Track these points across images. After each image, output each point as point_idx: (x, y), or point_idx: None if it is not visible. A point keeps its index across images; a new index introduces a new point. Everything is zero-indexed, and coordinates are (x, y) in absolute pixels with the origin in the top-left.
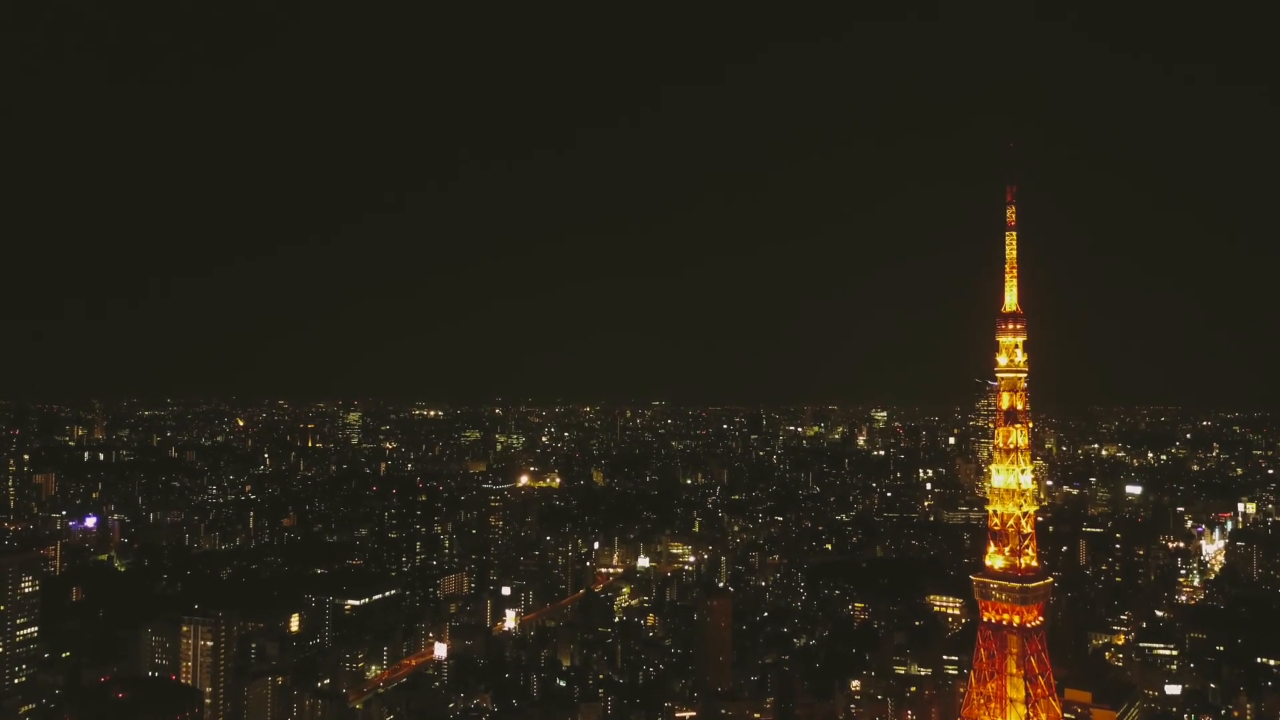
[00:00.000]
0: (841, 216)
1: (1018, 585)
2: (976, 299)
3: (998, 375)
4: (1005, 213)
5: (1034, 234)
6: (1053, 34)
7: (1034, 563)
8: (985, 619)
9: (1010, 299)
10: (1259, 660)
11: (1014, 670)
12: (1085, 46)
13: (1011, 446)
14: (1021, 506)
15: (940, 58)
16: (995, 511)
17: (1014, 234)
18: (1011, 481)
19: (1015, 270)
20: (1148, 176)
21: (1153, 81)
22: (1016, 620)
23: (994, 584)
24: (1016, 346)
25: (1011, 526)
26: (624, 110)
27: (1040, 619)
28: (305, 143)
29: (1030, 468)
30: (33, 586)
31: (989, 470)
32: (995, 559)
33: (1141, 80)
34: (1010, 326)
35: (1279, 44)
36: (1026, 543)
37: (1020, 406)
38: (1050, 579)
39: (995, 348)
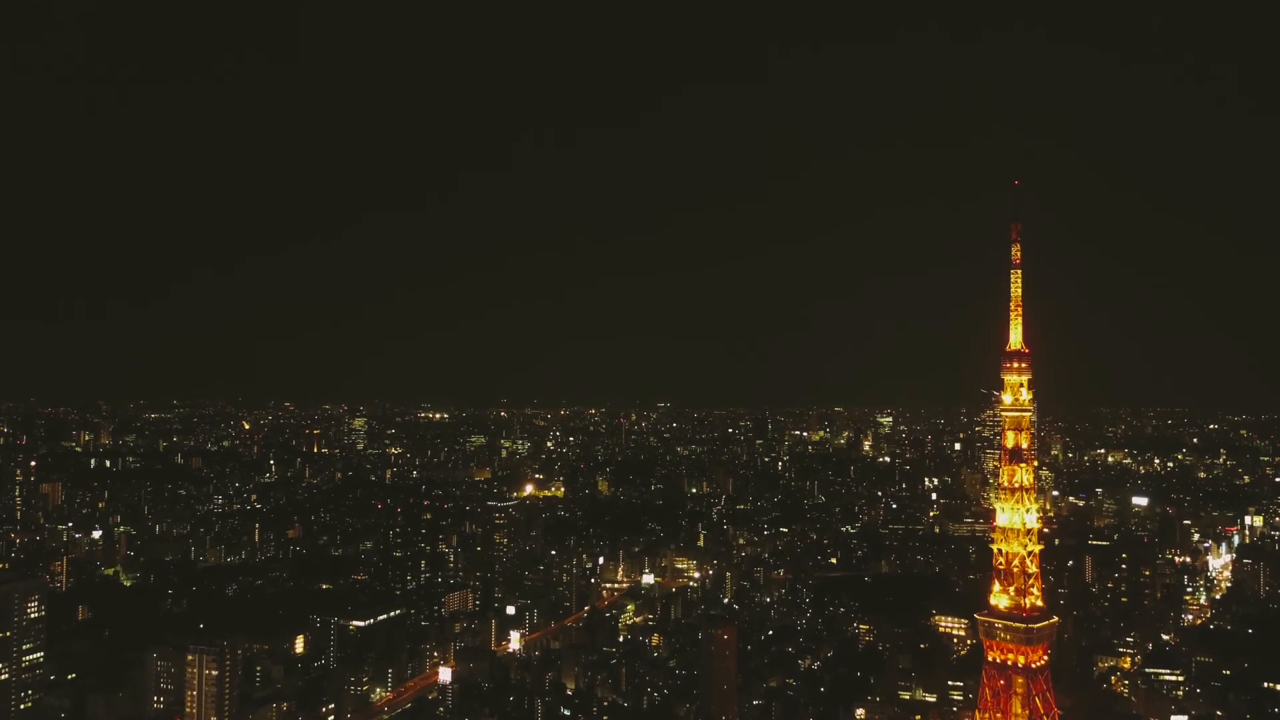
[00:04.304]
0: (849, 220)
1: (1022, 626)
2: (982, 303)
3: (1002, 414)
4: (1010, 250)
5: (1037, 235)
6: (1054, 44)
7: (1039, 602)
8: (990, 658)
9: (1015, 337)
10: (1265, 685)
11: (1019, 710)
12: (1085, 54)
13: (1016, 485)
14: (1026, 546)
15: (947, 69)
16: (1000, 550)
17: (1019, 271)
18: (1016, 521)
19: (1020, 308)
20: (1150, 178)
21: (1154, 85)
22: (1021, 660)
23: (999, 624)
24: (1021, 385)
25: (1016, 566)
26: (628, 111)
27: (1045, 658)
28: (311, 143)
29: (1035, 507)
30: (38, 611)
31: (994, 508)
32: (1000, 598)
33: (1142, 84)
34: (1015, 365)
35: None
36: (1031, 582)
37: (1025, 445)
38: (1055, 619)
39: (1000, 388)
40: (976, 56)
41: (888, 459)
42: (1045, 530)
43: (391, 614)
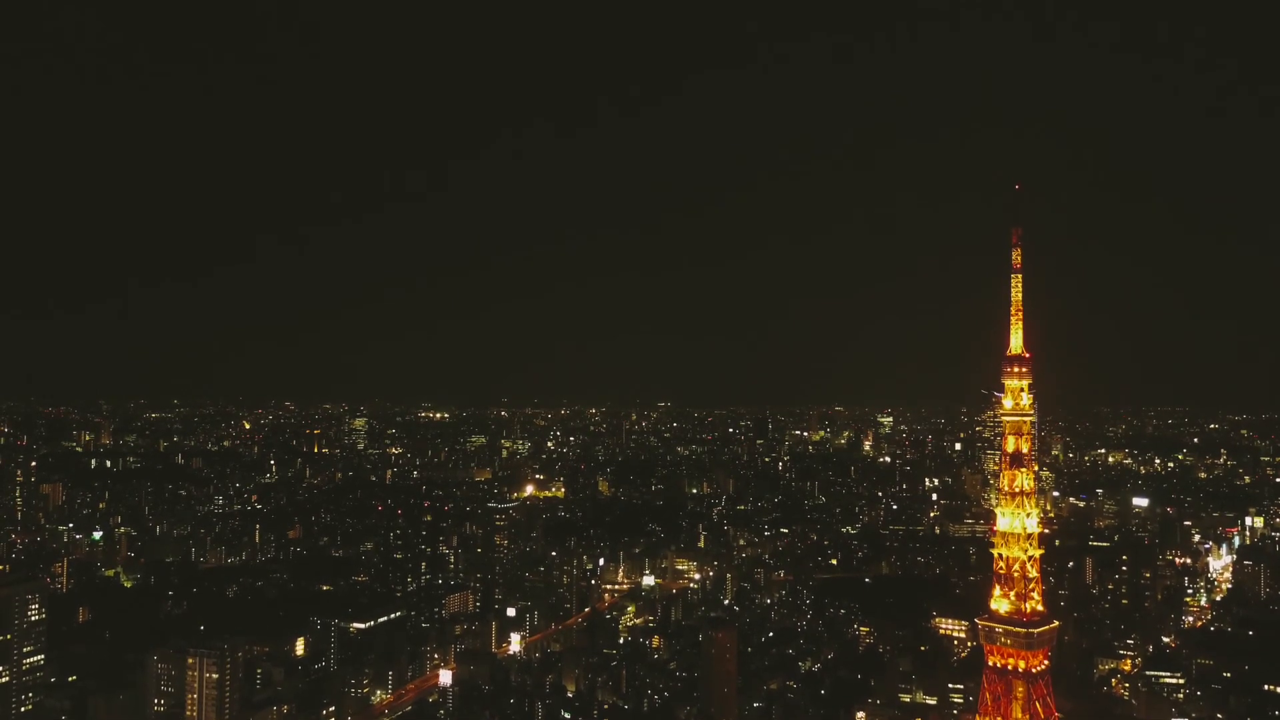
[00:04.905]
0: (850, 219)
1: (1023, 631)
2: (983, 302)
3: (1003, 419)
4: (1011, 254)
5: (1038, 236)
6: (1051, 44)
7: (1039, 607)
8: (990, 663)
9: (1016, 342)
10: (1266, 688)
11: (1019, 715)
12: (1084, 54)
13: (1017, 490)
14: (1027, 550)
15: (945, 68)
16: (1000, 555)
17: (1019, 276)
18: (1017, 525)
19: (1020, 312)
20: (1151, 178)
21: (1154, 85)
22: (1022, 665)
23: (999, 628)
24: (1022, 390)
25: (1017, 571)
26: (627, 111)
27: (1046, 663)
28: (311, 142)
29: (1036, 511)
30: (39, 615)
31: (995, 513)
32: (1000, 603)
33: (1142, 84)
34: (1016, 370)
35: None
36: (1032, 586)
37: (1026, 450)
38: (1056, 623)
39: (1001, 389)
40: (976, 56)
41: (888, 459)
42: (1046, 531)
43: (392, 616)
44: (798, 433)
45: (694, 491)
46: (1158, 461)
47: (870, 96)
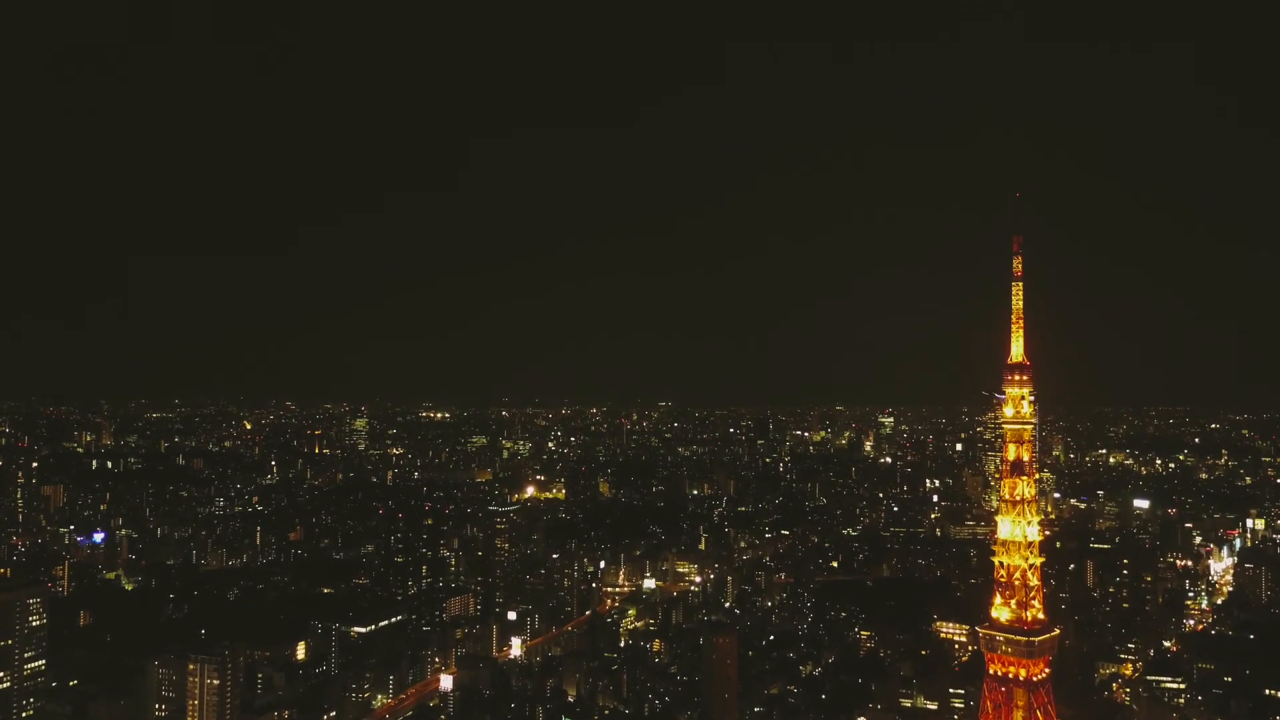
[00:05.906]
0: (851, 220)
1: (1024, 640)
2: (983, 303)
3: (1004, 427)
4: (1012, 262)
5: (1038, 237)
6: (1047, 42)
7: (1040, 615)
8: (991, 671)
9: (1016, 349)
10: (1267, 692)
11: None
12: (1083, 52)
13: (1018, 498)
14: (1028, 559)
15: (945, 69)
16: (1001, 563)
17: (1020, 284)
18: (1018, 533)
19: (1021, 321)
20: (1151, 178)
21: (1154, 85)
22: (1023, 674)
23: (1000, 636)
24: (1023, 398)
25: (1018, 579)
26: (627, 110)
27: (1047, 671)
28: (312, 142)
29: (1037, 519)
30: (40, 619)
31: (995, 520)
32: (1001, 611)
33: (1142, 84)
34: (1016, 378)
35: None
36: (1033, 594)
37: (1027, 458)
38: (1057, 631)
39: (1002, 391)
40: (976, 57)
41: (889, 460)
42: (1046, 535)
43: (393, 619)
44: (799, 433)
45: (695, 493)
46: (1159, 462)
47: (870, 96)
